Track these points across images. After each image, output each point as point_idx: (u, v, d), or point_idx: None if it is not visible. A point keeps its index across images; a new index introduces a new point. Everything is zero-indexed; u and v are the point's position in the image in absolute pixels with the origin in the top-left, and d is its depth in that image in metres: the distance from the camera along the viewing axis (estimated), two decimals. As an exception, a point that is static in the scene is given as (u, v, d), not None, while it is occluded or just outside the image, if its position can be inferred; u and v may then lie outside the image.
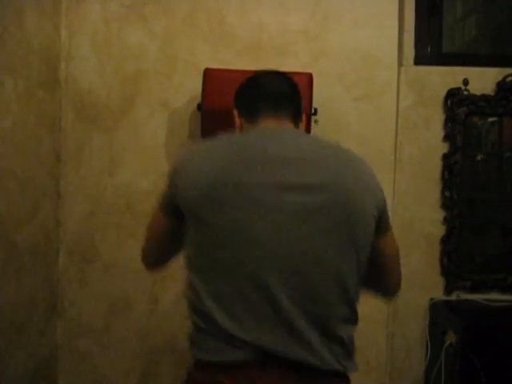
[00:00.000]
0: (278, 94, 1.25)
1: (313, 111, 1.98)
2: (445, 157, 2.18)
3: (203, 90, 1.96)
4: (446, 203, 2.18)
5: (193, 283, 1.23)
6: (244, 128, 1.27)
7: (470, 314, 2.07)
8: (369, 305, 2.14)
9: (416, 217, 2.19)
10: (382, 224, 1.17)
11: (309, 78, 1.96)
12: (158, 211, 1.28)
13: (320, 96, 2.01)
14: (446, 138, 2.18)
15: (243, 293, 1.09)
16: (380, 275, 1.26)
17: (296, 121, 1.26)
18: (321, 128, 2.05)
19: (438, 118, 2.18)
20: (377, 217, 1.14)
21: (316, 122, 2.04)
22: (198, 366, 1.23)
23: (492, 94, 2.17)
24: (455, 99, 2.16)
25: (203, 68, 1.98)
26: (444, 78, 2.18)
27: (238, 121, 1.29)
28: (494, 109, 2.17)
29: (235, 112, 1.30)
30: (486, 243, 2.26)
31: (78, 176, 2.13)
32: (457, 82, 2.17)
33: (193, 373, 1.25)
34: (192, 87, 2.07)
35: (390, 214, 1.22)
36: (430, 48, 2.26)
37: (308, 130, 1.96)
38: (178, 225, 1.21)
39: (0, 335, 1.72)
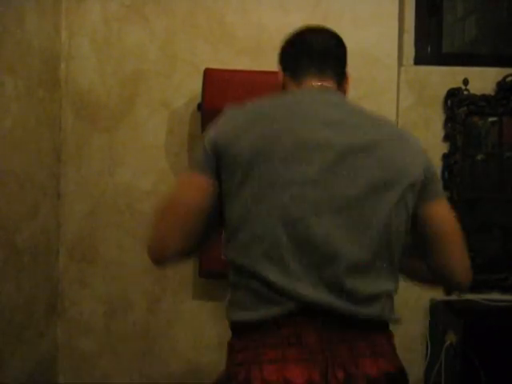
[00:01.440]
0: (323, 52, 1.22)
1: (313, 111, 1.97)
2: (445, 157, 2.18)
3: (203, 90, 1.96)
4: (446, 203, 2.18)
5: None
6: (287, 85, 1.24)
7: (470, 313, 2.06)
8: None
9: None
10: (427, 191, 1.13)
11: None
12: (192, 174, 1.14)
13: (320, 96, 2.01)
14: (446, 138, 2.18)
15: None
16: (440, 253, 1.19)
17: (340, 81, 1.24)
18: (321, 128, 2.05)
19: (438, 118, 2.18)
20: (420, 182, 1.11)
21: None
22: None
23: (492, 93, 2.17)
24: (455, 99, 2.16)
25: (203, 68, 1.98)
26: (444, 78, 2.18)
27: (280, 77, 1.27)
28: (494, 109, 2.17)
29: (278, 68, 1.27)
30: (487, 243, 2.26)
31: (78, 176, 2.13)
32: (457, 82, 2.17)
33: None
34: (192, 87, 2.07)
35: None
36: (430, 48, 2.26)
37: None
38: (216, 189, 1.11)
39: (0, 335, 1.72)
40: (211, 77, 1.96)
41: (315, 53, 1.22)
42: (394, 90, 2.14)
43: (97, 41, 2.11)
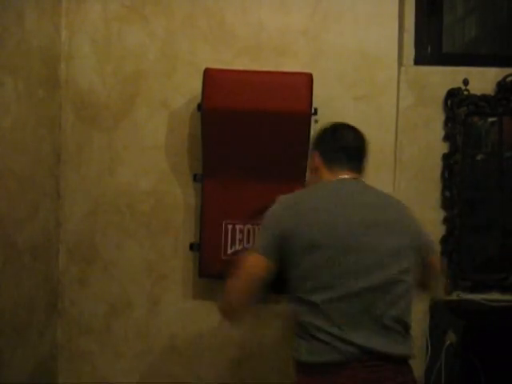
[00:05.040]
0: (353, 149, 1.53)
1: (313, 111, 1.98)
2: (445, 157, 2.18)
3: (203, 90, 1.96)
4: (446, 203, 2.18)
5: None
6: (321, 169, 1.53)
7: (470, 314, 2.06)
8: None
9: (416, 217, 2.19)
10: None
11: (309, 78, 1.96)
12: (256, 255, 1.43)
13: (320, 96, 2.01)
14: (446, 138, 2.18)
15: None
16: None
17: (362, 168, 1.55)
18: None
19: (438, 117, 2.18)
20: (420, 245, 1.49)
21: (316, 122, 2.04)
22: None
23: (492, 93, 2.17)
24: (455, 99, 2.16)
25: (203, 68, 1.98)
26: (444, 77, 2.18)
27: (316, 161, 1.55)
28: (493, 109, 2.17)
29: (315, 153, 1.56)
30: (486, 243, 2.26)
31: (78, 176, 2.13)
32: (457, 82, 2.16)
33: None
34: (192, 87, 2.07)
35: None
36: (430, 48, 2.26)
37: (308, 130, 1.97)
38: (275, 266, 1.42)
39: (0, 335, 1.72)
40: (211, 77, 1.96)
41: (351, 151, 1.53)
42: (394, 89, 2.14)
43: (97, 41, 2.11)
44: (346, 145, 1.53)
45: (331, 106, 2.08)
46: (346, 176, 1.51)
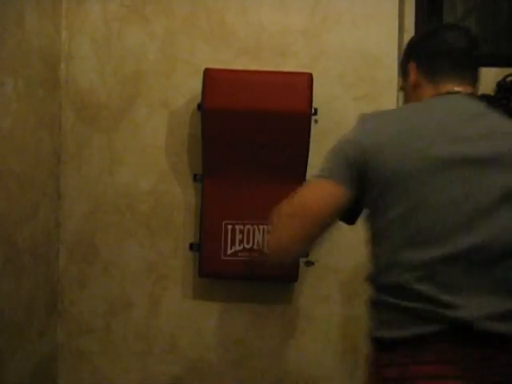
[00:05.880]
0: (461, 51, 1.16)
1: (313, 111, 1.98)
2: (445, 157, 2.17)
3: (203, 90, 1.96)
4: (446, 203, 2.18)
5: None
6: (421, 84, 1.20)
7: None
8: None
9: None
10: None
11: (309, 78, 1.96)
12: (326, 181, 1.11)
13: (320, 96, 2.01)
14: (446, 137, 2.18)
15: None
16: None
17: (476, 81, 1.19)
18: (321, 128, 2.05)
19: (438, 117, 2.18)
20: None
21: (316, 122, 2.04)
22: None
23: (492, 93, 2.17)
24: (455, 99, 2.16)
25: (203, 68, 1.98)
26: (444, 78, 2.17)
27: (413, 76, 1.21)
28: (493, 109, 2.17)
29: (411, 65, 1.22)
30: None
31: (78, 176, 2.13)
32: (457, 82, 2.16)
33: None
34: (192, 87, 2.07)
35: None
36: (430, 48, 2.26)
37: (308, 130, 1.97)
38: (349, 198, 1.10)
39: (0, 335, 1.72)
40: (211, 77, 1.96)
41: (452, 52, 1.17)
42: (394, 89, 2.13)
43: (97, 41, 2.11)
44: (449, 47, 1.16)
45: (331, 106, 2.08)
46: (456, 88, 1.15)
